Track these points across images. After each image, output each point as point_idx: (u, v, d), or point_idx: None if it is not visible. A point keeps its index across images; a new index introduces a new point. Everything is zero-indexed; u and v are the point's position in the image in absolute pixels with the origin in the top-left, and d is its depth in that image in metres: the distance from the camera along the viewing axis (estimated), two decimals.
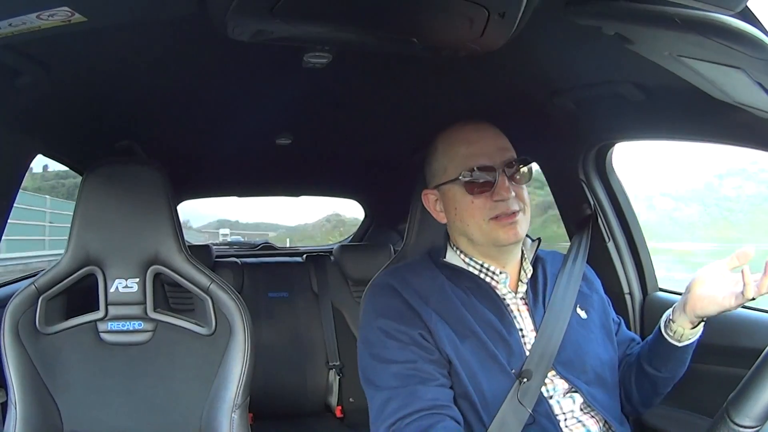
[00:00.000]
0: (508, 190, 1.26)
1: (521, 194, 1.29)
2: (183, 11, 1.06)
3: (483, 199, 1.27)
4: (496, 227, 1.26)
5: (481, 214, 1.27)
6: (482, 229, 1.28)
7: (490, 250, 1.31)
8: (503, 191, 1.25)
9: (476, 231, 1.29)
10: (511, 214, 1.26)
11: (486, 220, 1.27)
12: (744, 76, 0.97)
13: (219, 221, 6.24)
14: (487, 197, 1.26)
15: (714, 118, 1.29)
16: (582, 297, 1.37)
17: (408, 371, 1.19)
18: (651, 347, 1.32)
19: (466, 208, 1.29)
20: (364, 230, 3.76)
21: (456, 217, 1.32)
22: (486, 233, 1.27)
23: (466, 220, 1.29)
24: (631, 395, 1.36)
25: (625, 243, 1.87)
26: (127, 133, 2.05)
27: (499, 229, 1.26)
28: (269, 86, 1.69)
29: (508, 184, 1.26)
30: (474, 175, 1.27)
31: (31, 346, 1.48)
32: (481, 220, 1.27)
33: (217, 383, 1.51)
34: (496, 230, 1.26)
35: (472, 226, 1.29)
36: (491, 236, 1.27)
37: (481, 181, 1.27)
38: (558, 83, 1.55)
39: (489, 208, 1.26)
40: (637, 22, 0.99)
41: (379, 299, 1.31)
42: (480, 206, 1.27)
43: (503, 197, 1.25)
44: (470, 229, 1.29)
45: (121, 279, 1.53)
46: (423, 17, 1.12)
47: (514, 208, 1.26)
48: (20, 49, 1.23)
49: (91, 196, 1.51)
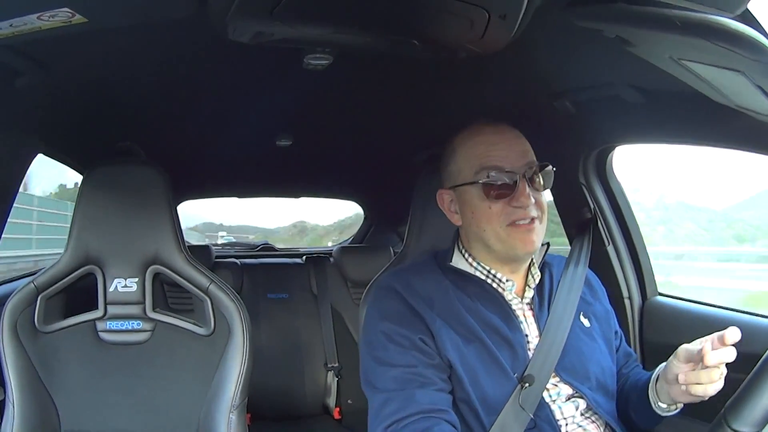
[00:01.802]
0: (528, 196, 1.23)
1: (540, 201, 1.26)
2: (183, 12, 1.06)
3: (501, 205, 1.23)
4: (513, 234, 1.23)
5: (499, 221, 1.24)
6: (499, 236, 1.24)
7: (504, 258, 1.28)
8: (523, 198, 1.22)
9: (493, 237, 1.25)
10: (529, 222, 1.23)
11: (503, 226, 1.24)
12: (744, 80, 0.96)
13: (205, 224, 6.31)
14: (506, 203, 1.23)
15: (714, 122, 1.29)
16: (585, 305, 1.36)
17: (407, 375, 1.18)
18: (636, 402, 1.30)
19: (483, 213, 1.26)
20: (364, 232, 3.75)
21: (472, 221, 1.28)
22: (503, 240, 1.24)
23: (483, 225, 1.26)
24: (625, 414, 1.35)
25: (625, 247, 1.87)
26: (127, 133, 2.05)
27: (516, 236, 1.23)
28: (269, 87, 1.69)
29: (528, 191, 1.23)
30: (492, 178, 1.24)
31: (29, 344, 1.48)
32: (498, 227, 1.24)
33: (216, 384, 1.51)
34: (513, 238, 1.23)
35: (489, 232, 1.26)
36: (508, 244, 1.24)
37: (499, 185, 1.24)
38: (558, 86, 1.55)
39: (507, 214, 1.23)
40: (637, 25, 0.99)
41: (382, 302, 1.30)
42: (498, 212, 1.24)
43: (523, 204, 1.22)
44: (487, 234, 1.26)
45: (121, 278, 1.53)
46: (423, 19, 1.12)
47: (533, 214, 1.23)
48: (21, 49, 1.23)
49: (91, 195, 1.52)
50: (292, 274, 2.97)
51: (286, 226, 6.19)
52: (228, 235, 5.60)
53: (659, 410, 1.25)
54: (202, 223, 6.05)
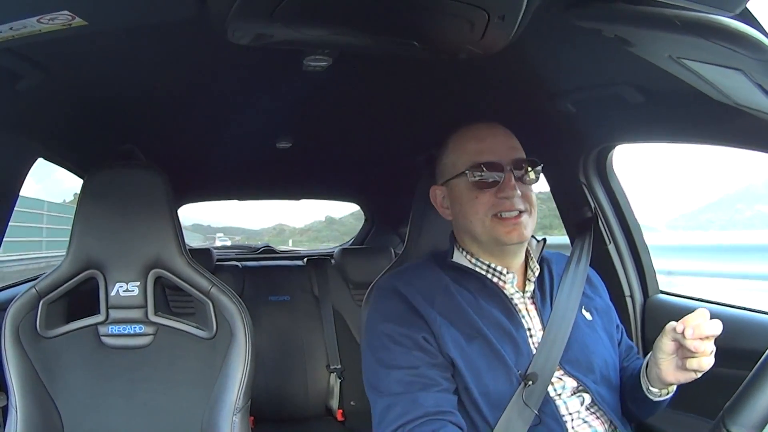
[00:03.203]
0: (514, 187, 1.25)
1: (528, 195, 1.29)
2: (183, 15, 1.06)
3: (488, 196, 1.26)
4: (497, 224, 1.26)
5: (484, 210, 1.27)
6: (484, 225, 1.27)
7: (493, 248, 1.31)
8: (509, 189, 1.25)
9: (478, 227, 1.28)
10: (516, 215, 1.26)
11: (488, 216, 1.26)
12: (744, 78, 0.96)
13: (194, 225, 6.40)
14: (492, 194, 1.26)
15: (714, 121, 1.30)
16: (587, 300, 1.37)
17: (411, 377, 1.18)
18: (630, 390, 1.32)
19: (469, 203, 1.29)
20: (365, 234, 3.75)
21: (460, 213, 1.32)
22: (488, 230, 1.27)
23: (470, 216, 1.29)
24: (624, 406, 1.36)
25: (626, 245, 1.88)
26: (127, 136, 2.06)
27: (501, 227, 1.26)
28: (269, 89, 1.69)
29: (514, 182, 1.26)
30: (480, 169, 1.27)
31: (31, 349, 1.48)
32: (484, 216, 1.27)
33: (218, 387, 1.51)
34: (498, 228, 1.26)
35: (474, 222, 1.28)
36: (493, 233, 1.27)
37: (488, 179, 1.27)
38: (558, 85, 1.55)
39: (492, 205, 1.26)
40: (636, 24, 0.99)
41: (383, 303, 1.31)
42: (484, 202, 1.27)
43: (508, 195, 1.25)
44: (473, 225, 1.29)
45: (122, 282, 1.52)
46: (423, 20, 1.12)
47: (519, 207, 1.26)
48: (21, 52, 1.23)
49: (91, 199, 1.51)
50: (294, 276, 2.97)
51: (267, 227, 6.54)
52: (224, 236, 5.77)
53: (651, 395, 1.26)
54: (192, 224, 6.19)
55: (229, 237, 5.47)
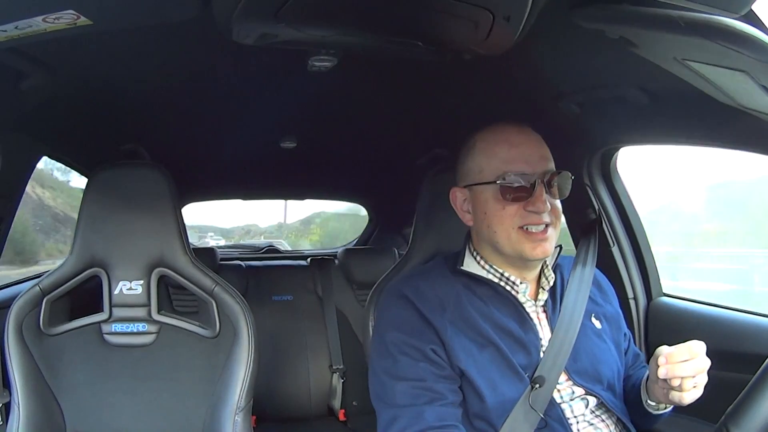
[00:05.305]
0: (545, 202, 1.20)
1: (555, 207, 1.24)
2: (188, 14, 1.06)
3: (516, 208, 1.21)
4: (523, 239, 1.21)
5: (511, 222, 1.21)
6: (510, 239, 1.22)
7: (515, 261, 1.26)
8: (539, 203, 1.20)
9: (503, 239, 1.23)
10: (543, 229, 1.22)
11: (515, 228, 1.21)
12: (749, 80, 0.96)
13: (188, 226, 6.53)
14: (521, 206, 1.21)
15: (719, 123, 1.29)
16: (596, 307, 1.35)
17: (417, 390, 1.16)
18: (632, 400, 1.31)
19: (495, 215, 1.23)
20: (368, 234, 3.75)
21: (484, 222, 1.26)
22: (513, 243, 1.22)
23: (494, 227, 1.24)
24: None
25: (630, 248, 1.87)
26: (132, 135, 2.06)
27: (527, 242, 1.21)
28: (274, 89, 1.69)
29: (545, 197, 1.21)
30: (511, 180, 1.21)
31: (34, 347, 1.48)
32: (510, 228, 1.22)
33: (221, 386, 1.51)
34: (523, 242, 1.21)
35: (499, 233, 1.23)
36: (518, 247, 1.22)
37: (516, 187, 1.21)
38: (562, 87, 1.55)
39: (520, 217, 1.21)
40: (641, 26, 0.98)
41: (391, 310, 1.27)
42: (511, 214, 1.21)
43: (539, 209, 1.20)
44: (497, 236, 1.24)
45: (126, 281, 1.53)
46: (428, 21, 1.12)
47: (546, 221, 1.22)
48: (26, 51, 1.24)
49: (96, 198, 1.52)
50: (297, 276, 2.97)
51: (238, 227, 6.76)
52: (216, 235, 5.87)
53: (650, 408, 1.25)
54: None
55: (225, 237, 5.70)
